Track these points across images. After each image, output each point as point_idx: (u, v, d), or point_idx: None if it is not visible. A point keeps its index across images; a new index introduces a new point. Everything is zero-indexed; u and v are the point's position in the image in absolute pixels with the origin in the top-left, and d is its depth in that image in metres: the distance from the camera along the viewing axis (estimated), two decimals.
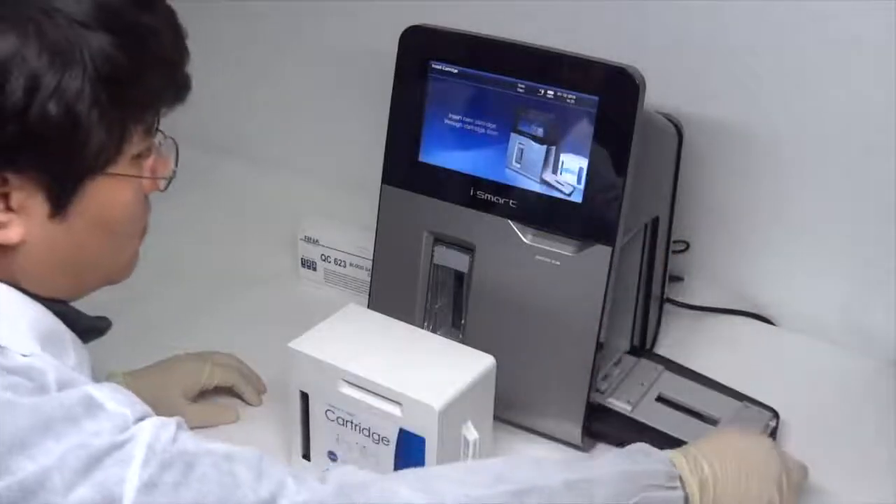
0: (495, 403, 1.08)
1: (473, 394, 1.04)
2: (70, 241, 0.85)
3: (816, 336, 1.34)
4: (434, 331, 1.23)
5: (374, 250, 1.23)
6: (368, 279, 1.27)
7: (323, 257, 1.43)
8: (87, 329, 0.92)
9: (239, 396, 1.21)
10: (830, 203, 1.30)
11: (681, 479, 0.93)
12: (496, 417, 1.10)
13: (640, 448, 0.95)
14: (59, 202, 0.82)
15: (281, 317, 1.31)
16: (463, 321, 1.20)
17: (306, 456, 1.10)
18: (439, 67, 1.14)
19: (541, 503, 0.84)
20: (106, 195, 0.84)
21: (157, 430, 0.77)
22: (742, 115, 1.30)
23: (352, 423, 1.05)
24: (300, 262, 1.45)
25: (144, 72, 0.83)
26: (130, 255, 0.94)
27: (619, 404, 1.17)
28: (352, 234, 1.39)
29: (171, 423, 0.79)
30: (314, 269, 1.44)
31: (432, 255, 1.20)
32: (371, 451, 1.04)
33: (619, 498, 0.88)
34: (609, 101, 1.07)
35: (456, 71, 1.14)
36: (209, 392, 1.19)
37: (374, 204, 1.21)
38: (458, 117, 1.14)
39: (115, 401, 0.78)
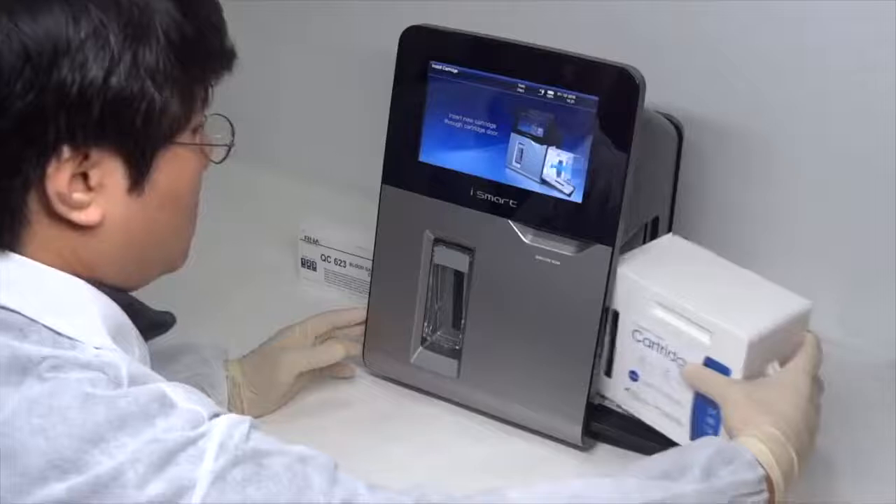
0: (493, 402, 1.08)
1: (785, 333, 1.01)
2: (143, 218, 0.85)
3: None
4: (434, 331, 1.23)
5: (374, 250, 1.23)
6: (368, 279, 1.26)
7: (323, 257, 1.43)
8: (151, 324, 0.93)
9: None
10: (830, 203, 1.30)
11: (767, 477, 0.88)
12: (495, 417, 1.10)
13: (718, 452, 0.88)
14: (138, 175, 0.83)
15: (281, 317, 1.31)
16: (463, 321, 1.20)
17: (608, 373, 1.11)
18: (439, 67, 1.14)
19: None
20: (174, 166, 0.86)
21: (229, 428, 0.76)
22: (742, 115, 1.30)
23: (658, 345, 1.04)
24: (300, 262, 1.45)
25: (203, 36, 0.84)
26: (188, 238, 0.96)
27: None
28: (352, 234, 1.39)
29: (244, 421, 0.78)
30: (314, 269, 1.44)
31: (432, 255, 1.19)
32: (673, 375, 1.03)
33: None
34: (609, 101, 1.07)
35: (456, 71, 1.14)
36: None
37: (374, 204, 1.21)
38: (458, 117, 1.14)
39: (189, 399, 0.78)
